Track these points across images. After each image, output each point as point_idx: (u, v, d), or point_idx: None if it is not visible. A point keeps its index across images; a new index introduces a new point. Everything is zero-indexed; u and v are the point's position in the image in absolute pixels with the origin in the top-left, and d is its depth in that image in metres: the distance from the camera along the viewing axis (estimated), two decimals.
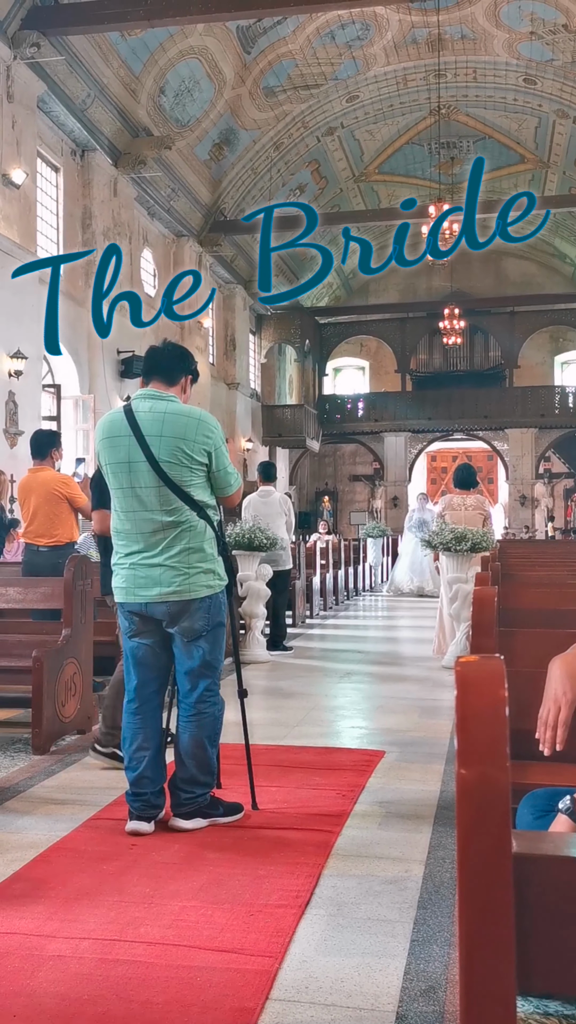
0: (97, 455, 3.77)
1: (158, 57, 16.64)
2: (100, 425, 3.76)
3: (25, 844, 3.47)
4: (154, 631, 3.69)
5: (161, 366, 3.76)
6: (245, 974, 2.45)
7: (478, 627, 3.05)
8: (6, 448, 13.12)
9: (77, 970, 2.48)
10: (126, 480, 3.60)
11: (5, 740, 5.17)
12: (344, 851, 3.42)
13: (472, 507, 8.72)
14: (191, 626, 3.63)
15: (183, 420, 3.59)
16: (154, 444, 3.54)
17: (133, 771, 3.67)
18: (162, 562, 3.58)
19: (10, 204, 13.22)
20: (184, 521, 3.58)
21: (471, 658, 1.10)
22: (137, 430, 3.57)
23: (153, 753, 3.69)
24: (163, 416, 3.58)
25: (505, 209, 6.00)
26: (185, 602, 3.60)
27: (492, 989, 1.00)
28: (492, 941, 1.00)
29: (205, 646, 3.67)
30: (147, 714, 3.72)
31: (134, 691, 3.73)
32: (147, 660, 3.73)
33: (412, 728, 5.59)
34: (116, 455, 3.62)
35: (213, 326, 23.81)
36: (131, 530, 3.63)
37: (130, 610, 3.69)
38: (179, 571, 3.58)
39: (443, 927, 2.74)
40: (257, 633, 8.47)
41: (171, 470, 3.54)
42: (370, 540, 19.67)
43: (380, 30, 19.10)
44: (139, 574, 3.61)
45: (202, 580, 3.61)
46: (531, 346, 29.51)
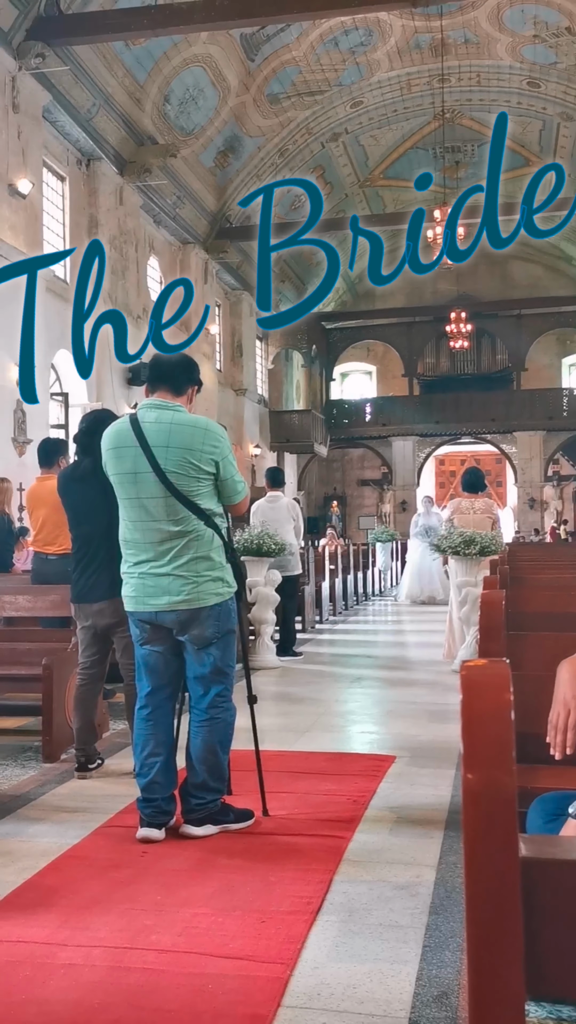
0: (103, 465, 3.77)
1: (162, 66, 16.70)
2: (106, 435, 3.75)
3: (36, 852, 3.47)
4: (164, 638, 3.70)
5: (167, 376, 3.75)
6: (257, 981, 2.45)
7: (486, 631, 3.04)
8: (14, 456, 13.16)
9: (89, 978, 2.48)
10: (132, 491, 3.61)
11: (16, 748, 5.17)
12: (355, 857, 3.41)
13: (481, 511, 8.70)
14: (201, 634, 3.63)
15: (189, 430, 3.59)
16: (160, 455, 3.55)
17: (144, 777, 3.67)
18: (171, 571, 3.58)
19: (16, 214, 13.27)
20: (192, 530, 3.58)
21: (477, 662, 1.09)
22: (143, 441, 3.57)
23: (164, 759, 3.69)
24: (169, 427, 3.58)
25: (530, 191, 4.95)
26: (195, 610, 3.60)
27: (501, 994, 0.99)
28: (500, 946, 0.99)
29: (216, 653, 3.67)
30: (158, 720, 3.72)
31: (145, 697, 3.74)
32: (158, 667, 3.73)
33: (422, 733, 5.58)
34: (122, 466, 3.63)
35: (220, 333, 23.86)
36: (139, 540, 3.64)
37: (140, 619, 3.69)
38: (188, 580, 3.58)
39: (455, 932, 2.73)
40: (267, 639, 8.46)
41: (178, 480, 3.55)
42: (379, 544, 19.65)
43: (383, 36, 19.13)
44: (148, 583, 3.62)
45: (211, 588, 3.62)
46: (538, 349, 29.48)
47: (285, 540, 8.59)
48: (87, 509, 4.54)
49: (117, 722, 5.64)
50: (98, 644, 4.63)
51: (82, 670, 4.67)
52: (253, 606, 8.31)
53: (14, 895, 3.07)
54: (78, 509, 4.64)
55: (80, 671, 4.68)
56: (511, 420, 28.87)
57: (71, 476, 4.79)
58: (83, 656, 4.66)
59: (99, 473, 3.95)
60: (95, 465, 4.13)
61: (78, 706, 4.61)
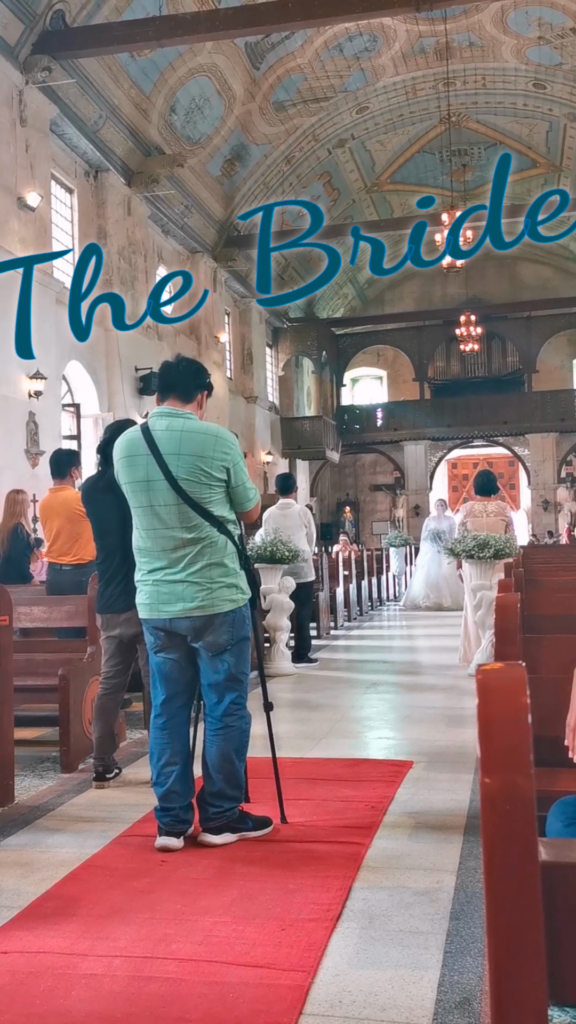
0: (116, 474, 3.78)
1: (168, 76, 16.79)
2: (118, 445, 3.77)
3: (55, 862, 3.48)
4: (179, 646, 3.70)
5: (177, 384, 3.76)
6: (278, 989, 2.44)
7: (502, 634, 3.03)
8: (27, 468, 13.22)
9: (110, 988, 2.48)
10: (145, 499, 3.62)
11: (34, 758, 5.19)
12: (374, 863, 3.40)
13: (494, 513, 8.67)
14: (216, 640, 3.63)
15: (200, 437, 3.60)
16: (172, 462, 3.56)
17: (161, 786, 3.67)
18: (184, 578, 3.59)
19: (26, 227, 13.35)
20: (205, 537, 3.59)
21: (492, 665, 1.09)
22: (155, 449, 3.58)
23: (181, 768, 3.69)
24: (180, 434, 3.59)
25: (535, 208, 5.69)
26: (209, 617, 3.61)
27: (523, 999, 0.99)
28: (522, 951, 0.99)
29: (230, 660, 3.67)
30: (174, 729, 3.72)
31: (161, 706, 3.74)
32: (173, 675, 3.73)
33: (440, 738, 5.56)
34: (135, 474, 3.64)
35: (230, 341, 23.91)
36: (152, 548, 3.64)
37: (154, 626, 3.70)
38: (202, 586, 3.58)
39: (476, 938, 2.72)
40: (282, 646, 8.46)
41: (190, 488, 3.55)
42: (393, 550, 19.61)
43: (388, 41, 19.17)
44: (162, 590, 3.62)
45: (225, 595, 3.62)
46: (549, 350, 29.41)
47: (298, 547, 8.59)
48: (112, 519, 4.53)
49: (134, 731, 5.64)
50: (122, 654, 4.63)
51: (105, 679, 4.66)
52: (268, 613, 8.31)
53: (34, 906, 3.08)
54: (103, 519, 4.63)
55: (103, 680, 4.68)
56: (523, 422, 28.80)
57: (95, 487, 4.77)
58: (107, 666, 4.66)
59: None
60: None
61: (99, 715, 4.61)
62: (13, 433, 13.04)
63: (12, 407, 12.99)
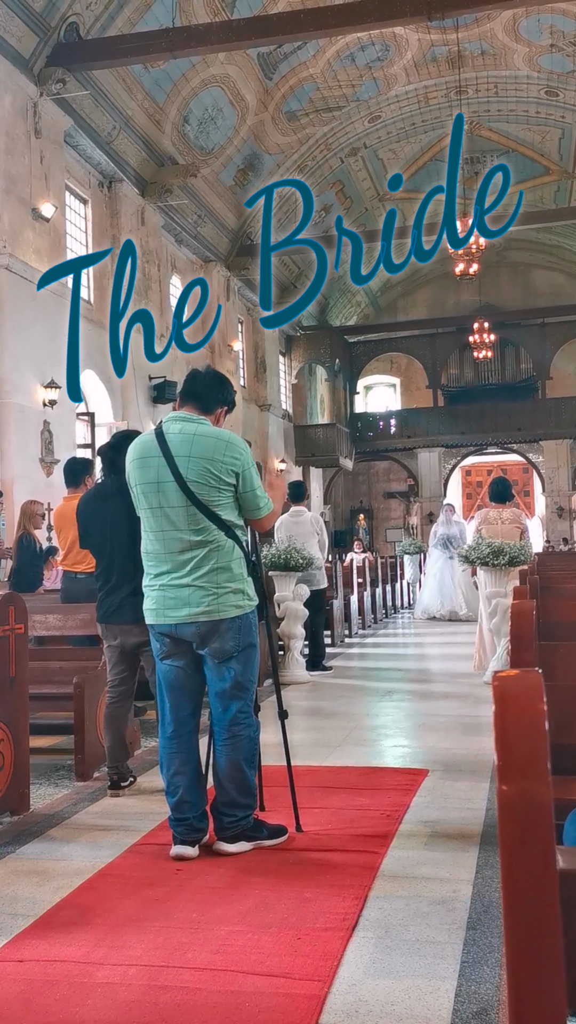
0: (127, 477, 3.79)
1: (181, 87, 16.88)
2: (132, 447, 3.79)
3: (70, 871, 3.48)
4: (185, 652, 3.69)
5: (200, 394, 3.76)
6: (294, 999, 2.43)
7: (517, 641, 3.02)
8: (42, 477, 13.27)
9: (125, 997, 2.48)
10: (155, 500, 3.63)
11: (48, 767, 5.19)
12: (390, 872, 3.38)
13: (508, 520, 8.65)
14: (221, 647, 3.62)
15: (211, 441, 3.61)
16: (182, 464, 3.57)
17: (173, 796, 3.67)
18: (191, 582, 3.58)
19: (40, 237, 13.44)
20: (212, 540, 3.58)
21: (509, 672, 1.08)
22: (167, 450, 3.60)
23: (190, 777, 3.68)
24: (192, 437, 3.61)
25: (481, 192, 5.61)
26: (214, 622, 3.59)
27: (542, 1010, 0.98)
28: (540, 960, 0.98)
29: (236, 667, 3.65)
30: (182, 738, 3.71)
31: (167, 715, 3.73)
32: (179, 682, 3.72)
33: (455, 746, 5.53)
34: (146, 475, 3.66)
35: (243, 349, 23.96)
36: (160, 550, 3.64)
37: (160, 631, 3.70)
38: (208, 591, 3.57)
39: (494, 947, 2.70)
40: (296, 653, 8.45)
41: (199, 490, 3.56)
42: (407, 557, 19.58)
43: (400, 50, 19.22)
44: (168, 595, 3.62)
45: (231, 600, 3.60)
46: (563, 357, 29.32)
47: (311, 554, 8.59)
48: (112, 528, 4.54)
49: (148, 739, 5.64)
50: (126, 662, 4.64)
51: (111, 688, 4.68)
52: (282, 621, 8.30)
53: (49, 914, 3.08)
54: (104, 528, 4.63)
55: (110, 689, 4.69)
56: (537, 429, 28.70)
57: (96, 494, 4.80)
58: (112, 674, 4.67)
59: (125, 493, 4.00)
60: (121, 484, 4.19)
61: (109, 724, 4.63)
62: (28, 442, 13.10)
63: (27, 416, 13.06)
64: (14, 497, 12.47)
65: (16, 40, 12.93)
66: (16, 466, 12.78)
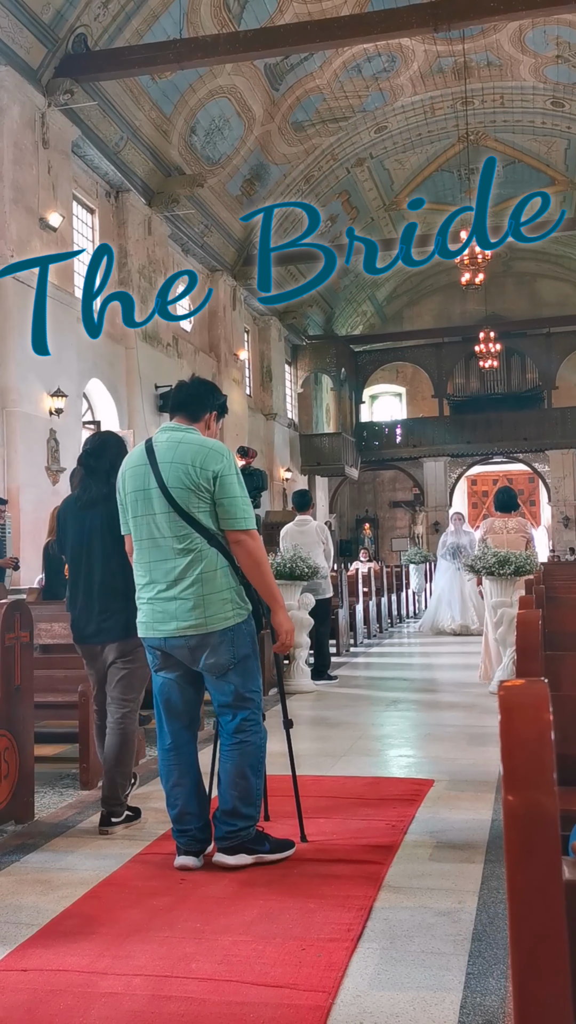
0: (119, 487, 3.80)
1: (188, 98, 16.96)
2: (125, 459, 3.84)
3: (75, 880, 3.47)
4: (177, 665, 3.66)
5: (187, 403, 3.79)
6: (298, 1010, 2.42)
7: (523, 651, 3.01)
8: (48, 485, 13.30)
9: (130, 1007, 2.47)
10: (142, 507, 3.65)
11: (53, 776, 5.19)
12: (395, 883, 3.37)
13: (514, 530, 8.64)
14: (216, 662, 3.57)
15: (193, 448, 3.61)
16: (165, 470, 3.59)
17: (173, 808, 3.65)
18: (176, 595, 3.55)
19: (47, 247, 13.48)
20: (195, 549, 3.54)
21: (515, 682, 1.08)
22: (153, 458, 3.64)
23: (190, 787, 3.66)
24: (176, 445, 3.63)
25: (518, 209, 6.23)
26: (203, 636, 3.54)
27: (548, 1021, 0.97)
28: (546, 971, 0.97)
29: (236, 680, 3.60)
30: (180, 749, 3.69)
31: (163, 727, 3.71)
32: (174, 695, 3.70)
33: (461, 756, 5.52)
34: (135, 483, 3.69)
35: (249, 358, 24.01)
36: (149, 559, 3.64)
37: (151, 645, 3.69)
38: (194, 604, 3.53)
39: (499, 959, 2.69)
40: (301, 663, 8.44)
41: (179, 495, 3.55)
42: (412, 566, 19.55)
43: (406, 61, 19.29)
44: (157, 608, 3.61)
45: (220, 611, 3.55)
46: (569, 366, 29.30)
47: (316, 563, 8.58)
48: (89, 539, 4.33)
49: (153, 748, 5.63)
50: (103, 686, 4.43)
51: (99, 706, 4.46)
52: None
53: (54, 923, 3.07)
54: (81, 536, 4.37)
55: (97, 712, 4.48)
56: (543, 439, 28.68)
57: (77, 500, 4.49)
58: (96, 702, 4.46)
59: (109, 501, 4.00)
60: (104, 492, 4.20)
61: (101, 740, 4.45)
62: (34, 450, 13.13)
63: (33, 424, 13.09)
64: (20, 505, 12.49)
65: (24, 51, 13.01)
66: (23, 474, 12.81)
